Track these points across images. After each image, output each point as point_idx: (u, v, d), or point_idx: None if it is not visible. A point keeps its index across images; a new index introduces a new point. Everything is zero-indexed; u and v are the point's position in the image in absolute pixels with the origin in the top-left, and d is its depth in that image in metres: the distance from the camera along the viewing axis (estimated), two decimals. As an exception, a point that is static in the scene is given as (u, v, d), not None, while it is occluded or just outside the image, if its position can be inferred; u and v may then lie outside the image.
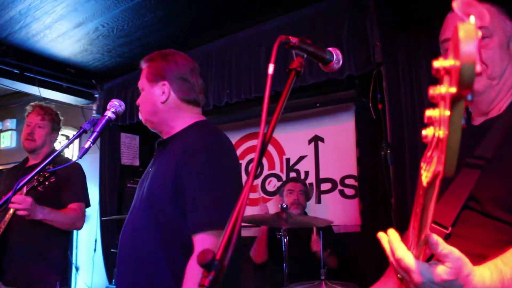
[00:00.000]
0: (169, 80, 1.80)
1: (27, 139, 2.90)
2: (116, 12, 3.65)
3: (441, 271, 0.89)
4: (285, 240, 2.61)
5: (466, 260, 0.92)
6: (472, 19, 0.58)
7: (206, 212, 1.54)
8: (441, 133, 0.61)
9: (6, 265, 2.65)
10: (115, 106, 1.83)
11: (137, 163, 5.30)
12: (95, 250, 4.80)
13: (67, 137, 5.67)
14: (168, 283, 1.56)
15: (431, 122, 0.65)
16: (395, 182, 2.96)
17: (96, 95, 5.21)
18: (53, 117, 3.03)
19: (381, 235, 1.01)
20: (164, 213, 1.63)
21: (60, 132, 3.12)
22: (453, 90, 0.57)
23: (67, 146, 1.72)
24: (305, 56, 1.07)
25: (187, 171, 1.60)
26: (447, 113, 0.58)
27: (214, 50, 4.10)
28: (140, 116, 1.90)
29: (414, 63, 3.00)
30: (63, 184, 2.71)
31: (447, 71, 0.58)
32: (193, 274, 1.48)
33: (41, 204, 2.50)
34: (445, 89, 0.59)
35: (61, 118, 3.16)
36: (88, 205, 2.91)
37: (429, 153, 0.70)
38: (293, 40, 1.05)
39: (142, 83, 1.86)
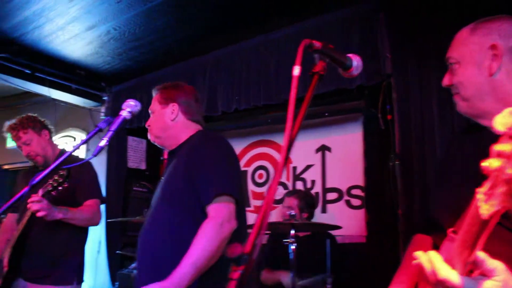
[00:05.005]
0: (178, 103, 2.13)
1: (31, 159, 2.94)
2: (128, 15, 3.68)
3: (491, 285, 0.89)
4: (293, 247, 2.61)
5: (509, 272, 0.93)
6: None
7: (215, 184, 1.82)
8: None
9: (26, 263, 2.69)
10: (131, 106, 1.87)
11: (143, 166, 5.31)
12: (98, 251, 4.79)
13: (74, 138, 5.70)
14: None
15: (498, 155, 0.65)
16: (403, 194, 2.96)
17: (105, 98, 5.25)
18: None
19: (419, 253, 1.02)
20: (179, 200, 1.88)
21: (60, 132, 3.07)
22: None
23: (82, 144, 1.73)
24: (328, 60, 1.08)
25: (196, 161, 1.89)
26: None
27: (224, 56, 4.13)
28: (149, 136, 2.18)
29: (424, 75, 3.02)
30: (76, 183, 2.73)
31: None
32: (205, 230, 1.72)
33: (58, 205, 2.52)
34: None
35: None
36: (103, 201, 2.94)
37: (488, 185, 0.71)
38: (317, 44, 1.07)
39: (154, 106, 2.16)
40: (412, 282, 1.50)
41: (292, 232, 2.70)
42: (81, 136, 5.72)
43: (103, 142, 1.66)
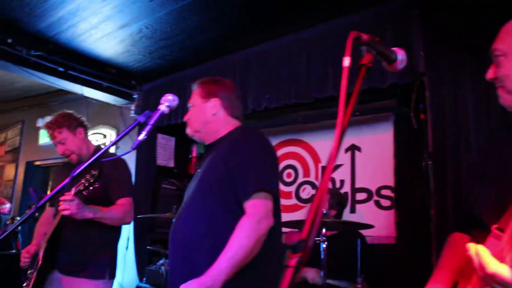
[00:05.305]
0: (219, 98, 2.11)
1: (66, 157, 2.98)
2: (160, 14, 3.71)
3: None
4: (324, 245, 2.59)
5: None
6: None
7: (255, 180, 1.81)
8: None
9: (61, 255, 2.74)
10: (169, 100, 1.88)
11: (172, 164, 5.37)
12: (127, 248, 4.85)
13: (104, 136, 5.79)
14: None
15: None
16: (436, 194, 2.91)
17: (135, 96, 5.33)
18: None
19: (470, 245, 1.01)
20: (215, 192, 1.86)
21: (91, 129, 3.09)
22: None
23: (119, 139, 1.74)
24: (374, 53, 1.08)
25: (236, 156, 1.88)
26: None
27: (255, 55, 4.14)
28: (188, 130, 2.15)
29: (458, 73, 2.97)
30: (110, 181, 2.76)
31: None
32: (243, 226, 1.71)
33: (91, 203, 2.56)
34: None
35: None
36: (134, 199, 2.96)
37: None
38: (364, 36, 1.06)
39: (195, 100, 2.15)
40: (450, 282, 1.47)
41: (323, 230, 2.68)
42: (111, 133, 5.81)
43: (142, 136, 1.67)
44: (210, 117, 2.09)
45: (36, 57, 4.34)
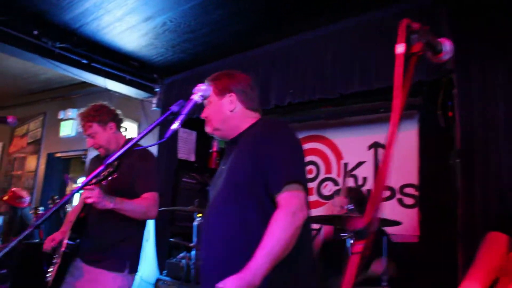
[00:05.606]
0: (235, 93, 2.05)
1: (96, 149, 2.99)
2: (185, 7, 3.71)
3: None
4: (351, 241, 2.56)
5: None
6: None
7: (285, 172, 1.78)
8: None
9: (83, 244, 2.74)
10: (202, 90, 1.87)
11: (192, 158, 5.39)
12: (147, 240, 4.88)
13: (125, 129, 5.82)
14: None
15: None
16: (464, 193, 2.85)
17: (157, 89, 5.34)
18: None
19: None
20: (244, 187, 1.83)
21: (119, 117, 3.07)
22: None
23: (151, 129, 1.74)
24: (425, 41, 1.05)
25: (263, 148, 1.84)
26: None
27: (279, 50, 4.11)
28: (207, 128, 2.11)
29: (488, 71, 2.91)
30: (138, 174, 2.76)
31: None
32: (278, 220, 1.68)
33: (116, 195, 2.56)
34: None
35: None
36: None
37: None
38: (415, 25, 1.04)
39: (210, 97, 2.07)
40: (487, 280, 1.45)
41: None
42: (133, 126, 5.84)
43: (175, 125, 1.66)
44: (228, 113, 2.04)
45: (60, 49, 4.37)
